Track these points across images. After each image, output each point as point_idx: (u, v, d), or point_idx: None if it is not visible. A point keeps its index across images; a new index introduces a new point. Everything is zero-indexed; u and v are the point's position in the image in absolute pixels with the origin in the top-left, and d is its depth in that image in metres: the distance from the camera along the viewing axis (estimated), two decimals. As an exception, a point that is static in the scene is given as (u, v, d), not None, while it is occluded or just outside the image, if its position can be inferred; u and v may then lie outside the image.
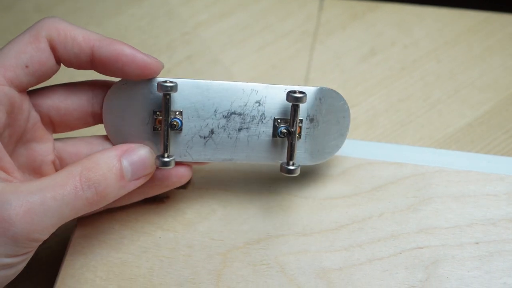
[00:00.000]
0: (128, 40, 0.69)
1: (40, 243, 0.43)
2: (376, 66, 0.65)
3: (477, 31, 0.66)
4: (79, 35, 0.45)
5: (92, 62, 0.46)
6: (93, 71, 0.47)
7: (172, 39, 0.69)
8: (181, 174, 0.49)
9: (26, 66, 0.44)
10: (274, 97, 0.49)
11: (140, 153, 0.47)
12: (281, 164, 0.48)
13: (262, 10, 0.70)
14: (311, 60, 0.66)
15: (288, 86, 0.49)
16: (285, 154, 0.49)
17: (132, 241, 0.51)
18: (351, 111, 0.58)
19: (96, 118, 0.49)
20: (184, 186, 0.52)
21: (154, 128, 0.48)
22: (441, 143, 0.59)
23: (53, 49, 0.45)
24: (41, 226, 0.42)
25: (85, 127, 0.50)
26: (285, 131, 0.48)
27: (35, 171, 0.48)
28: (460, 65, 0.64)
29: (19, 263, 0.43)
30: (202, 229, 0.51)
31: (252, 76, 0.65)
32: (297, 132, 0.48)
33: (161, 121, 0.47)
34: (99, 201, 0.44)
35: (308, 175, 0.53)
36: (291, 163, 0.48)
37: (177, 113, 0.48)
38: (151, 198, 0.52)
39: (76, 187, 0.43)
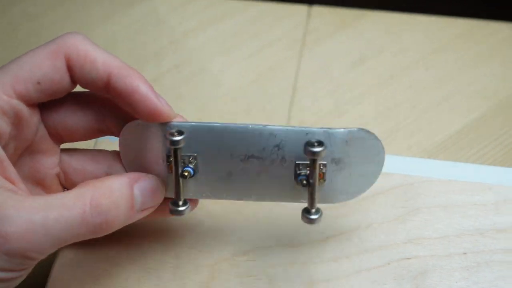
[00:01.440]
0: (116, 48, 0.69)
1: (37, 261, 0.41)
2: (365, 74, 0.65)
3: (465, 39, 0.66)
4: (99, 59, 0.43)
5: (107, 90, 0.44)
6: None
7: (160, 47, 0.69)
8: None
9: (38, 83, 0.43)
10: (294, 140, 0.45)
11: (151, 183, 0.45)
12: (302, 212, 0.45)
13: (250, 18, 0.70)
14: (300, 68, 0.66)
15: (309, 129, 0.44)
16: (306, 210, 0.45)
17: (119, 253, 0.50)
18: (339, 120, 0.58)
19: (103, 132, 0.48)
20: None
21: (169, 171, 0.46)
22: (430, 151, 0.59)
23: (70, 69, 0.44)
24: (39, 247, 0.40)
25: (92, 138, 0.48)
26: (305, 182, 0.45)
27: (38, 182, 0.47)
28: (449, 73, 0.64)
29: (13, 279, 0.42)
30: (189, 240, 0.51)
31: (240, 84, 0.65)
32: (319, 178, 0.45)
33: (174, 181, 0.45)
34: (104, 230, 0.42)
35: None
36: (312, 211, 0.45)
37: (191, 158, 0.46)
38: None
39: (85, 212, 0.41)
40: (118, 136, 0.47)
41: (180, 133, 0.44)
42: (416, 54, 0.66)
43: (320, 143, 0.42)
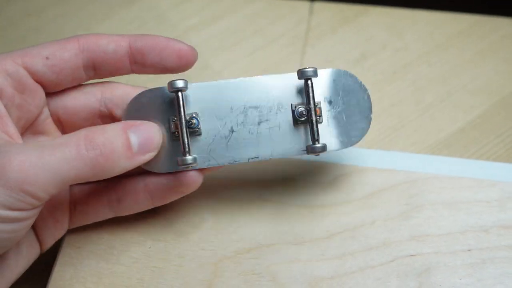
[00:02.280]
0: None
1: (39, 202, 0.41)
2: (368, 70, 0.64)
3: (468, 35, 0.66)
4: (113, 35, 0.47)
5: (130, 56, 0.47)
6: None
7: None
8: (192, 180, 0.48)
9: (47, 58, 0.46)
10: (287, 85, 0.48)
11: (147, 126, 0.46)
12: (307, 147, 0.47)
13: (252, 14, 0.70)
14: (302, 64, 0.65)
15: (301, 68, 0.48)
16: (310, 141, 0.48)
17: (122, 252, 0.50)
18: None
19: (104, 120, 0.49)
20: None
21: (174, 137, 0.48)
22: (434, 148, 0.59)
23: (85, 51, 0.47)
24: (36, 180, 0.40)
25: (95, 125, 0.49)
26: (304, 111, 0.47)
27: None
28: (452, 69, 0.64)
29: (19, 220, 0.41)
30: (192, 238, 0.51)
31: (243, 80, 0.65)
32: (317, 114, 0.47)
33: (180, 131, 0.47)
34: (104, 164, 0.43)
35: (299, 182, 0.53)
36: (316, 143, 0.47)
37: (193, 115, 0.48)
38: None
39: (79, 146, 0.42)
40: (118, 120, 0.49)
41: (181, 79, 0.47)
42: (419, 50, 0.65)
43: (311, 67, 0.47)
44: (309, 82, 0.47)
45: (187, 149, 0.46)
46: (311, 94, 0.47)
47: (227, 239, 0.50)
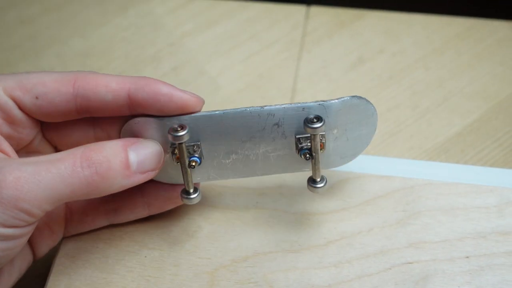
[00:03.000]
0: (113, 51, 0.68)
1: (33, 219, 0.41)
2: (364, 75, 0.64)
3: (465, 38, 0.66)
4: (112, 82, 0.45)
5: (129, 106, 0.45)
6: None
7: (157, 49, 0.68)
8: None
9: (36, 97, 0.44)
10: (292, 116, 0.46)
11: (148, 145, 0.45)
12: (308, 182, 0.47)
13: (247, 19, 0.69)
14: (298, 69, 0.65)
15: (306, 104, 0.46)
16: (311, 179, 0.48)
17: (117, 261, 0.50)
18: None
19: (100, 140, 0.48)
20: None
21: (175, 161, 0.48)
22: (431, 153, 0.58)
23: (83, 99, 0.45)
24: (31, 197, 0.40)
25: None
26: (308, 155, 0.46)
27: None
28: (449, 73, 0.63)
29: (14, 238, 0.41)
30: (188, 247, 0.50)
31: (239, 86, 0.65)
32: (320, 148, 0.47)
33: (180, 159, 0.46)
34: (99, 182, 0.42)
35: (296, 190, 0.52)
36: (318, 180, 0.47)
37: (195, 147, 0.47)
38: (137, 216, 0.51)
39: (75, 163, 0.41)
40: None
41: (182, 127, 0.45)
42: (415, 54, 0.65)
43: (319, 118, 0.45)
44: (314, 136, 0.45)
45: (190, 188, 0.47)
46: (317, 147, 0.46)
47: (223, 247, 0.50)
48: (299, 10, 0.69)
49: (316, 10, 0.69)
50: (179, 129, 0.45)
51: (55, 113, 0.46)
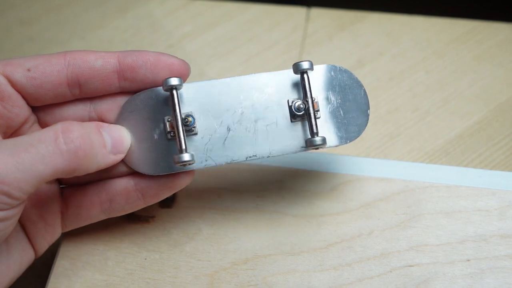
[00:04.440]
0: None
1: (16, 201, 0.40)
2: (364, 77, 0.64)
3: (466, 40, 0.66)
4: (101, 52, 0.46)
5: (119, 73, 0.46)
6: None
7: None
8: (183, 182, 0.47)
9: (28, 70, 0.45)
10: (283, 81, 0.47)
11: (117, 129, 0.46)
12: (306, 140, 0.46)
13: (247, 21, 0.69)
14: (298, 72, 0.65)
15: (291, 69, 0.47)
16: (309, 135, 0.47)
17: (117, 263, 0.50)
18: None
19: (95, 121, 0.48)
20: (169, 205, 0.51)
21: (169, 138, 0.47)
22: (431, 156, 0.58)
23: (71, 66, 0.46)
24: (11, 179, 0.39)
25: None
26: (301, 105, 0.47)
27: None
28: (449, 75, 0.63)
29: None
30: (188, 249, 0.50)
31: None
32: (314, 108, 0.46)
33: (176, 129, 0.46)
34: (82, 159, 0.42)
35: (296, 192, 0.52)
36: (315, 137, 0.46)
37: (189, 113, 0.47)
38: (136, 218, 0.51)
39: (57, 139, 0.41)
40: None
41: (179, 80, 0.46)
42: (415, 56, 0.65)
43: (307, 61, 0.47)
44: (305, 75, 0.46)
45: (183, 147, 0.45)
46: (307, 87, 0.46)
47: (223, 249, 0.50)
48: (299, 12, 0.69)
49: (317, 12, 0.69)
50: (172, 78, 0.46)
51: (47, 85, 0.46)
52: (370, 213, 0.51)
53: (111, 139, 0.45)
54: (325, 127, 0.47)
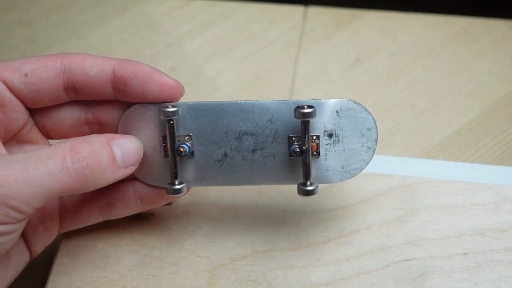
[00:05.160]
0: (111, 52, 0.68)
1: (23, 216, 0.41)
2: (362, 75, 0.64)
3: (463, 37, 0.66)
4: (98, 58, 0.46)
5: (113, 83, 0.46)
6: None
7: (155, 51, 0.68)
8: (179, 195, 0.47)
9: (25, 75, 0.45)
10: (286, 113, 0.46)
11: (129, 141, 0.46)
12: (298, 186, 0.46)
13: (245, 20, 0.70)
14: (296, 70, 0.65)
15: (300, 101, 0.45)
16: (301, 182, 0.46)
17: (117, 260, 0.50)
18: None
19: (91, 126, 0.48)
20: (168, 203, 0.52)
21: (165, 155, 0.47)
22: (429, 152, 0.59)
23: (67, 72, 0.45)
24: (20, 194, 0.40)
25: (81, 135, 0.48)
26: (298, 150, 0.45)
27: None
28: (447, 72, 0.64)
29: (1, 234, 0.41)
30: (187, 246, 0.50)
31: (237, 87, 0.65)
32: (312, 150, 0.45)
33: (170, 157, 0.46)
34: (89, 176, 0.42)
35: (294, 188, 0.52)
36: (308, 183, 0.45)
37: (186, 138, 0.47)
38: (136, 215, 0.51)
39: (65, 157, 0.41)
40: (106, 127, 0.48)
41: (174, 106, 0.45)
42: (413, 53, 0.65)
43: (310, 106, 0.44)
44: (305, 124, 0.45)
45: (176, 178, 0.46)
46: (306, 137, 0.45)
47: (222, 246, 0.50)
48: (296, 10, 0.70)
49: (314, 10, 0.69)
50: (170, 106, 0.45)
51: (44, 90, 0.46)
52: (368, 208, 0.51)
53: (122, 152, 0.45)
54: (324, 165, 0.46)
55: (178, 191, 0.46)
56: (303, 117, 0.44)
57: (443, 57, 0.65)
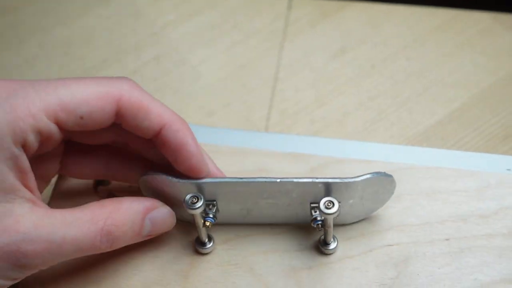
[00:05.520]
0: (96, 41, 0.68)
1: (34, 271, 0.42)
2: (346, 65, 0.64)
3: (446, 29, 0.66)
4: (154, 110, 0.44)
5: (155, 139, 0.45)
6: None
7: (139, 39, 0.68)
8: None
9: (81, 117, 0.43)
10: (307, 187, 0.46)
11: (163, 213, 0.47)
12: (320, 244, 0.48)
13: (230, 9, 0.69)
14: (281, 59, 0.65)
15: (325, 179, 0.46)
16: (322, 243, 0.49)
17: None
18: (321, 110, 0.58)
19: (107, 177, 0.50)
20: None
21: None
22: (412, 141, 0.59)
23: (120, 115, 0.44)
24: (50, 263, 0.42)
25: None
26: (320, 226, 0.46)
27: (42, 178, 0.48)
28: (430, 63, 0.64)
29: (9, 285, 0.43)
30: (170, 232, 0.50)
31: (220, 75, 0.65)
32: (331, 225, 0.47)
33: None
34: (108, 247, 0.44)
35: (276, 173, 0.52)
36: (329, 242, 0.48)
37: (210, 206, 0.48)
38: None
39: (96, 238, 0.43)
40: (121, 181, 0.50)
41: (197, 198, 0.45)
42: (397, 44, 0.65)
43: (333, 204, 0.44)
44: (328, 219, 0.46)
45: (204, 240, 0.49)
46: (330, 231, 0.47)
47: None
48: (281, 0, 0.70)
49: (299, 1, 0.69)
50: (194, 200, 0.45)
51: (95, 128, 0.45)
52: (350, 193, 0.51)
53: (151, 225, 0.46)
54: (344, 216, 0.49)
55: (207, 251, 0.49)
56: (327, 217, 0.45)
57: (427, 48, 0.65)
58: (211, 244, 0.49)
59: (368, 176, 0.46)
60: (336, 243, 0.48)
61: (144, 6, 0.70)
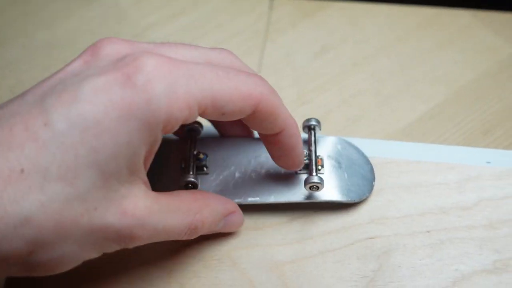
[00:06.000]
0: (79, 43, 0.68)
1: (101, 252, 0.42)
2: (328, 63, 0.65)
3: (427, 27, 0.67)
4: (281, 116, 0.45)
5: (270, 138, 0.46)
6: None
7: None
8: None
9: (223, 114, 0.43)
10: None
11: (239, 218, 0.49)
12: (305, 182, 0.48)
13: (212, 10, 0.70)
14: (262, 58, 0.65)
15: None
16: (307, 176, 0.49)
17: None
18: (303, 108, 0.58)
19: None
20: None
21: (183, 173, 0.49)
22: (393, 137, 0.59)
23: (253, 116, 0.44)
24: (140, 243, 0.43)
25: None
26: (305, 158, 0.49)
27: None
28: (411, 61, 0.64)
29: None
30: (152, 225, 0.50)
31: (204, 76, 0.65)
32: (318, 163, 0.49)
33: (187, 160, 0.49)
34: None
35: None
36: (314, 176, 0.48)
37: (201, 154, 0.50)
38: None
39: (184, 230, 0.44)
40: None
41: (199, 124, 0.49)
42: (378, 42, 0.66)
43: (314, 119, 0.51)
44: (312, 131, 0.51)
45: (191, 171, 0.49)
46: (312, 140, 0.50)
47: (187, 226, 0.50)
48: (263, 1, 0.70)
49: (280, 1, 0.70)
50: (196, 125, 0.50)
51: (222, 123, 0.50)
52: (332, 187, 0.51)
53: (223, 226, 0.48)
54: (327, 181, 0.50)
55: (194, 183, 0.48)
56: (309, 123, 0.51)
57: (408, 46, 0.65)
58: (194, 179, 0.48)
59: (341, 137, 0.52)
60: (322, 180, 0.48)
61: (126, 8, 0.71)
